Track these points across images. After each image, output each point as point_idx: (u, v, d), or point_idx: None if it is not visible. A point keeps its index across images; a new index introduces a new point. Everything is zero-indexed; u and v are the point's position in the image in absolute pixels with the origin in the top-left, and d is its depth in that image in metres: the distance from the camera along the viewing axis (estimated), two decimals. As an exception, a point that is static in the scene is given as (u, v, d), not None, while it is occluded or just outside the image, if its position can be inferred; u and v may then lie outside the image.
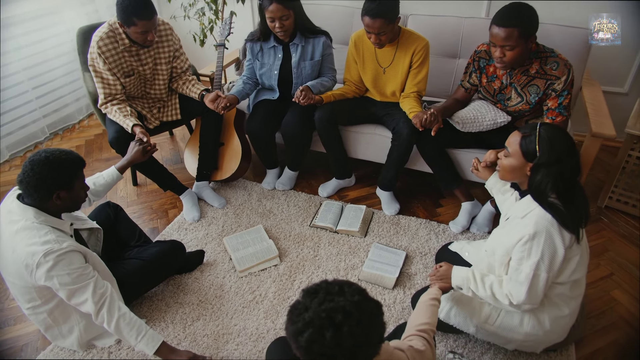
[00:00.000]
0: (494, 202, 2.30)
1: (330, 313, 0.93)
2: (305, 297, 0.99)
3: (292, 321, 0.97)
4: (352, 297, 0.96)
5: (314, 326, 0.93)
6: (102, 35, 2.18)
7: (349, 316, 0.93)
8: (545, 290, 1.48)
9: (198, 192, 2.57)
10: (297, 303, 0.99)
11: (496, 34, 1.87)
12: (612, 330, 1.85)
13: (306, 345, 0.93)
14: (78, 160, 1.59)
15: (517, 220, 1.53)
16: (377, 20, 2.07)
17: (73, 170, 1.57)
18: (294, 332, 0.96)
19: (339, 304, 0.95)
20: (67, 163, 1.54)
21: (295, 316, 0.97)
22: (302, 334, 0.94)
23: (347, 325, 0.92)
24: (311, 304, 0.96)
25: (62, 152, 1.55)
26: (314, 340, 0.93)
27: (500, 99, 2.15)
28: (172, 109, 2.53)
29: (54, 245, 1.51)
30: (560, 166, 1.40)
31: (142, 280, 1.91)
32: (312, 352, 0.94)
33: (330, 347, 0.92)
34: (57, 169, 1.51)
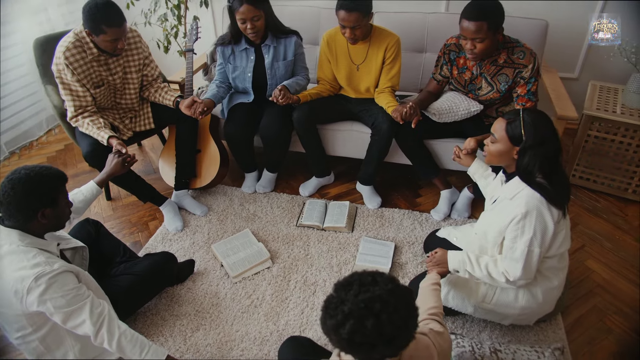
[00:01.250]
0: (472, 188, 2.42)
1: (368, 303, 0.96)
2: (340, 290, 1.01)
3: (329, 315, 0.99)
4: (386, 286, 0.99)
5: (354, 317, 0.95)
6: (68, 45, 2.08)
7: (386, 304, 0.96)
8: (538, 264, 1.58)
9: (178, 202, 2.51)
10: (332, 297, 1.01)
11: (466, 27, 1.96)
12: (591, 297, 2.00)
13: (348, 337, 0.96)
14: (60, 175, 1.52)
15: (506, 201, 1.62)
16: (353, 13, 2.11)
17: (56, 186, 1.49)
18: (334, 326, 0.98)
19: (375, 293, 0.97)
20: (49, 179, 1.46)
21: (333, 310, 0.99)
22: (343, 326, 0.96)
23: (385, 313, 0.95)
24: (347, 296, 0.99)
25: (43, 168, 1.47)
26: (356, 331, 0.95)
27: (472, 89, 2.25)
28: (145, 119, 2.46)
29: (45, 267, 1.43)
30: (544, 147, 1.50)
31: (136, 295, 1.86)
32: (354, 343, 0.97)
33: (372, 336, 0.95)
34: (40, 186, 1.43)
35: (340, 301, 0.99)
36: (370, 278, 1.01)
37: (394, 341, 0.98)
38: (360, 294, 0.98)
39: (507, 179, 1.67)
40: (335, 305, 0.99)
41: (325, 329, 1.01)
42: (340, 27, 2.23)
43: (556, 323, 1.86)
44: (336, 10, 2.17)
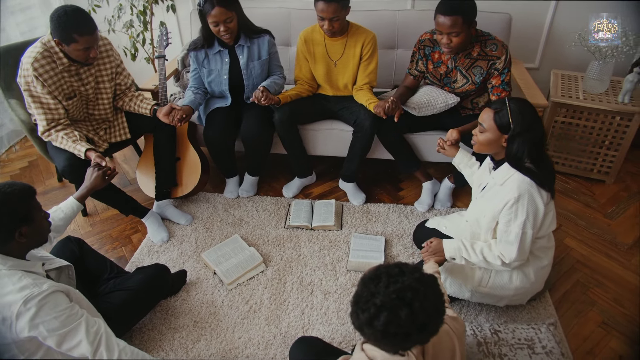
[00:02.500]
0: (452, 178, 2.50)
1: (400, 293, 0.98)
2: (368, 284, 1.02)
3: (361, 310, 1.00)
4: (413, 275, 1.01)
5: (387, 309, 0.97)
6: (36, 56, 1.98)
7: (417, 292, 0.98)
8: (530, 245, 1.66)
9: (160, 212, 2.44)
10: (361, 292, 1.02)
11: (442, 22, 2.03)
12: (573, 273, 2.12)
13: (383, 329, 0.97)
14: (27, 189, 1.43)
15: (496, 187, 1.69)
16: (332, 4, 2.14)
17: (26, 201, 1.41)
18: (367, 320, 0.99)
19: (405, 283, 0.99)
20: (17, 195, 1.37)
21: (364, 304, 1.00)
22: (377, 318, 0.97)
23: (417, 301, 0.98)
24: (377, 289, 1.00)
25: (5, 186, 1.38)
26: (390, 322, 0.97)
27: (447, 82, 2.33)
28: (120, 129, 2.37)
29: (33, 289, 1.36)
30: (531, 133, 1.58)
31: (131, 311, 1.79)
32: (388, 334, 0.98)
33: (406, 325, 0.97)
34: (8, 206, 1.35)
35: (370, 294, 1.00)
36: (397, 269, 1.03)
37: (426, 328, 1.00)
38: (390, 285, 1.00)
39: (496, 165, 1.74)
40: (366, 299, 1.01)
41: (357, 324, 1.02)
42: (319, 19, 2.25)
43: (545, 300, 1.96)
44: (315, 2, 2.19)
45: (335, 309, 1.95)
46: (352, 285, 2.05)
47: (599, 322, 1.89)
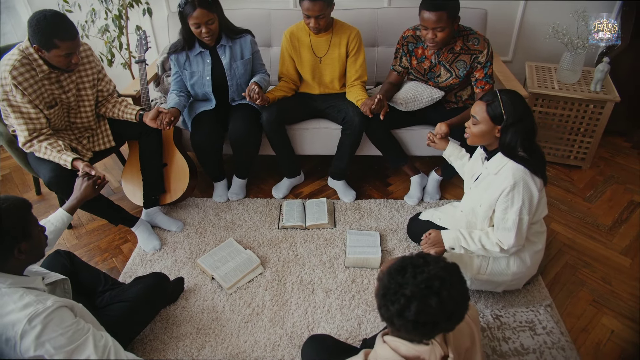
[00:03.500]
0: (439, 171, 2.55)
1: (427, 283, 1.00)
2: (395, 276, 1.04)
3: (391, 302, 1.02)
4: (438, 264, 1.04)
5: (417, 299, 0.99)
6: (14, 63, 1.90)
7: (444, 281, 1.01)
8: (526, 231, 1.72)
9: (150, 220, 2.38)
10: (388, 284, 1.04)
11: (427, 18, 2.07)
12: (561, 256, 2.20)
13: (414, 318, 0.99)
14: (22, 203, 1.37)
15: (491, 176, 1.75)
16: (317, 3, 2.16)
17: (23, 216, 1.35)
18: (398, 311, 1.00)
19: (431, 272, 1.02)
20: (13, 211, 1.31)
21: (393, 296, 1.02)
22: (408, 309, 0.99)
23: (445, 290, 1.00)
24: (404, 280, 1.02)
25: (1, 201, 1.31)
26: (421, 311, 0.99)
27: (431, 76, 2.37)
28: (104, 136, 2.30)
29: (37, 306, 1.30)
30: (523, 123, 1.64)
31: (132, 323, 1.74)
32: (419, 324, 1.00)
33: (436, 313, 0.99)
34: (7, 222, 1.28)
35: (398, 286, 1.02)
36: (422, 259, 1.05)
37: (454, 315, 1.03)
38: (417, 276, 1.01)
39: (489, 156, 1.79)
40: (394, 291, 1.02)
41: (387, 316, 1.04)
42: (305, 17, 2.25)
43: (539, 284, 2.04)
44: (300, 1, 2.20)
45: (338, 306, 1.96)
46: (352, 282, 2.07)
47: (589, 301, 1.98)
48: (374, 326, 1.87)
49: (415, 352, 1.12)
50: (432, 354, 1.11)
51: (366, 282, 2.06)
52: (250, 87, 2.27)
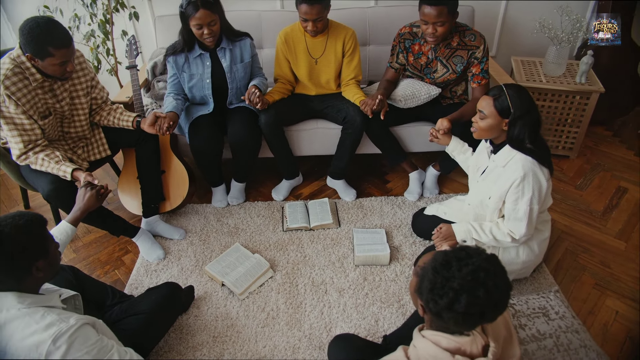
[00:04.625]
0: (437, 166, 2.59)
1: (474, 275, 1.02)
2: (440, 270, 1.05)
3: (439, 296, 1.03)
4: (480, 256, 1.06)
5: (465, 291, 1.01)
6: (6, 73, 1.81)
7: (488, 272, 1.03)
8: (536, 220, 1.77)
9: (151, 229, 2.32)
10: (434, 279, 1.05)
11: (428, 12, 2.10)
12: (561, 243, 2.28)
13: (465, 310, 1.00)
14: (39, 219, 1.31)
15: (499, 169, 1.79)
16: (315, 6, 2.16)
17: (41, 233, 1.30)
18: (447, 304, 1.02)
19: (476, 264, 1.03)
20: (30, 228, 1.25)
21: (440, 290, 1.03)
22: (458, 302, 1.01)
23: (490, 280, 1.02)
24: (450, 273, 1.03)
25: (15, 218, 1.25)
26: (471, 303, 1.00)
27: (427, 72, 2.41)
28: (99, 145, 2.23)
29: (60, 325, 1.26)
30: (530, 116, 1.69)
31: (150, 335, 1.70)
32: (468, 315, 1.02)
33: (484, 304, 1.01)
34: (25, 239, 1.22)
35: (445, 280, 1.03)
36: (464, 252, 1.07)
37: (499, 305, 1.05)
38: (463, 268, 1.03)
39: (495, 149, 1.83)
40: (441, 285, 1.03)
41: (436, 310, 1.05)
42: (302, 21, 2.25)
43: (543, 271, 2.10)
44: (297, 5, 2.20)
45: (353, 305, 1.96)
46: (363, 280, 2.07)
47: (592, 284, 2.06)
48: (391, 322, 1.89)
49: (456, 344, 1.14)
50: (473, 345, 1.13)
51: (377, 280, 2.08)
52: (250, 90, 2.25)
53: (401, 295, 2.00)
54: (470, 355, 1.13)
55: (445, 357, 1.12)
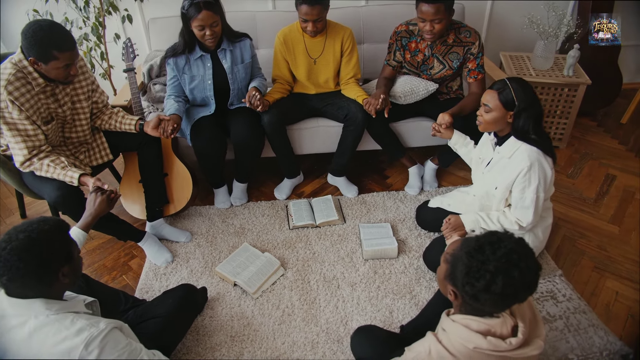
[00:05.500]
0: (436, 160, 2.65)
1: (507, 257, 1.07)
2: (475, 255, 1.09)
3: (476, 279, 1.07)
4: (510, 239, 1.11)
5: (501, 272, 1.05)
6: (8, 78, 1.77)
7: (520, 253, 1.08)
8: (541, 208, 1.84)
9: (156, 233, 2.30)
10: (470, 263, 1.09)
11: (426, 10, 2.15)
12: (558, 230, 2.36)
13: (501, 291, 1.05)
14: (63, 223, 1.31)
15: (504, 160, 1.85)
16: (316, 7, 2.18)
17: (65, 238, 1.29)
18: (485, 286, 1.06)
19: (508, 247, 1.08)
20: (55, 233, 1.24)
21: (476, 273, 1.07)
22: (494, 283, 1.05)
23: (523, 262, 1.07)
24: (484, 257, 1.08)
25: (40, 223, 1.23)
26: (507, 284, 1.05)
27: (424, 69, 2.46)
28: (101, 150, 2.20)
29: (91, 330, 1.25)
30: (534, 107, 1.75)
31: (169, 337, 1.69)
32: (504, 296, 1.06)
33: (518, 284, 1.06)
34: (51, 245, 1.21)
35: (481, 263, 1.08)
36: (495, 237, 1.12)
37: (531, 285, 1.10)
38: (496, 252, 1.08)
39: (499, 141, 1.90)
40: (477, 269, 1.08)
41: (472, 292, 1.09)
42: (302, 21, 2.27)
43: (545, 257, 2.18)
44: (297, 6, 2.22)
45: (367, 298, 2.00)
46: (374, 273, 2.11)
47: (592, 268, 2.15)
48: (405, 313, 1.93)
49: (486, 326, 1.18)
50: (503, 326, 1.18)
51: (387, 272, 2.11)
52: (250, 93, 2.26)
53: (412, 287, 2.05)
54: (501, 336, 1.18)
55: (478, 339, 1.17)
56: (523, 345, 1.18)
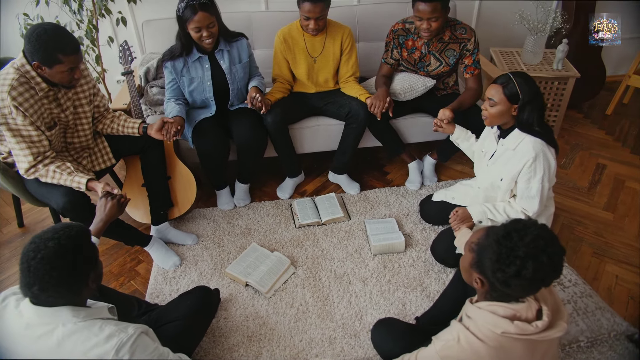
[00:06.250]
0: (435, 154, 2.70)
1: (535, 243, 1.11)
2: (504, 242, 1.13)
3: (506, 265, 1.11)
4: (535, 225, 1.15)
5: (530, 258, 1.09)
6: (12, 83, 1.74)
7: (546, 239, 1.12)
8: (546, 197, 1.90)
9: (162, 237, 2.28)
10: (499, 250, 1.12)
11: (423, 9, 2.20)
12: (557, 219, 2.44)
13: (532, 276, 1.09)
14: (85, 229, 1.29)
15: (509, 152, 1.90)
16: (318, 4, 2.21)
17: (89, 242, 1.27)
18: (516, 272, 1.10)
19: (534, 233, 1.12)
20: (81, 238, 1.22)
21: (506, 259, 1.11)
22: (525, 268, 1.09)
23: (549, 247, 1.11)
24: (513, 243, 1.12)
25: (65, 229, 1.21)
26: (537, 269, 1.09)
27: (421, 66, 2.51)
28: (103, 154, 2.17)
29: (121, 335, 1.24)
30: (537, 100, 1.81)
31: (189, 340, 1.69)
32: (534, 280, 1.10)
33: (547, 269, 1.10)
34: (80, 251, 1.19)
35: (510, 250, 1.11)
36: (520, 224, 1.16)
37: (557, 269, 1.14)
38: (524, 238, 1.12)
39: (502, 134, 1.95)
40: (507, 255, 1.11)
41: (503, 278, 1.12)
42: (303, 19, 2.29)
43: (547, 244, 2.24)
44: (300, 4, 2.24)
45: (379, 292, 2.03)
46: (383, 267, 2.14)
47: (591, 254, 2.23)
48: (418, 305, 1.96)
49: (512, 311, 1.22)
50: (528, 310, 1.22)
51: (397, 266, 2.15)
52: (251, 95, 2.26)
53: (422, 279, 2.08)
54: (526, 320, 1.22)
55: (505, 324, 1.20)
56: (548, 327, 1.23)
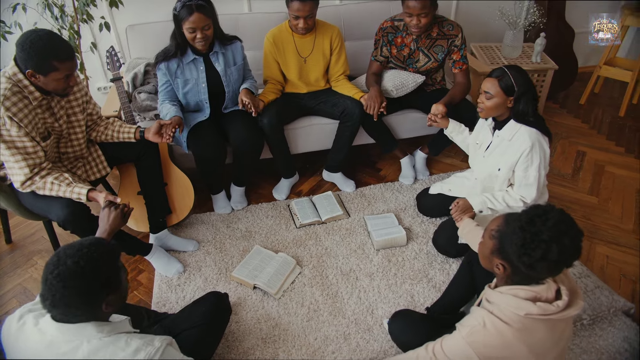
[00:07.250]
0: (426, 149, 2.76)
1: (557, 227, 1.16)
2: (527, 228, 1.17)
3: (531, 249, 1.15)
4: (554, 210, 1.20)
5: (554, 241, 1.14)
6: (5, 93, 1.67)
7: (566, 222, 1.18)
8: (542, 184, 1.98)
9: (162, 244, 2.23)
10: (524, 236, 1.17)
11: (414, 6, 2.25)
12: (546, 205, 2.54)
13: (557, 258, 1.14)
14: (113, 251, 1.23)
15: (505, 142, 1.97)
16: (308, 3, 2.22)
17: (113, 265, 1.21)
18: (542, 255, 1.14)
19: (555, 217, 1.17)
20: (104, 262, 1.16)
21: (531, 244, 1.16)
22: (550, 251, 1.14)
23: (571, 230, 1.17)
24: (536, 228, 1.16)
25: (92, 248, 1.16)
26: (561, 251, 1.14)
27: (410, 63, 2.56)
28: (98, 164, 2.11)
29: (148, 349, 1.20)
30: (531, 91, 1.88)
31: (207, 347, 1.67)
32: (559, 262, 1.15)
33: (570, 251, 1.16)
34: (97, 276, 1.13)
35: (534, 235, 1.16)
36: (540, 210, 1.21)
37: (577, 250, 1.20)
38: (546, 222, 1.16)
39: (497, 126, 2.02)
40: (531, 240, 1.16)
41: (529, 262, 1.17)
42: (293, 18, 2.30)
43: (541, 230, 2.34)
44: (289, 3, 2.25)
45: (386, 285, 2.06)
46: (388, 262, 2.17)
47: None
48: (426, 296, 2.01)
49: (532, 293, 1.27)
50: (548, 291, 1.28)
51: (401, 260, 2.19)
52: (241, 98, 2.26)
53: (427, 271, 2.13)
54: (547, 300, 1.27)
55: (528, 306, 1.25)
56: (567, 306, 1.28)
